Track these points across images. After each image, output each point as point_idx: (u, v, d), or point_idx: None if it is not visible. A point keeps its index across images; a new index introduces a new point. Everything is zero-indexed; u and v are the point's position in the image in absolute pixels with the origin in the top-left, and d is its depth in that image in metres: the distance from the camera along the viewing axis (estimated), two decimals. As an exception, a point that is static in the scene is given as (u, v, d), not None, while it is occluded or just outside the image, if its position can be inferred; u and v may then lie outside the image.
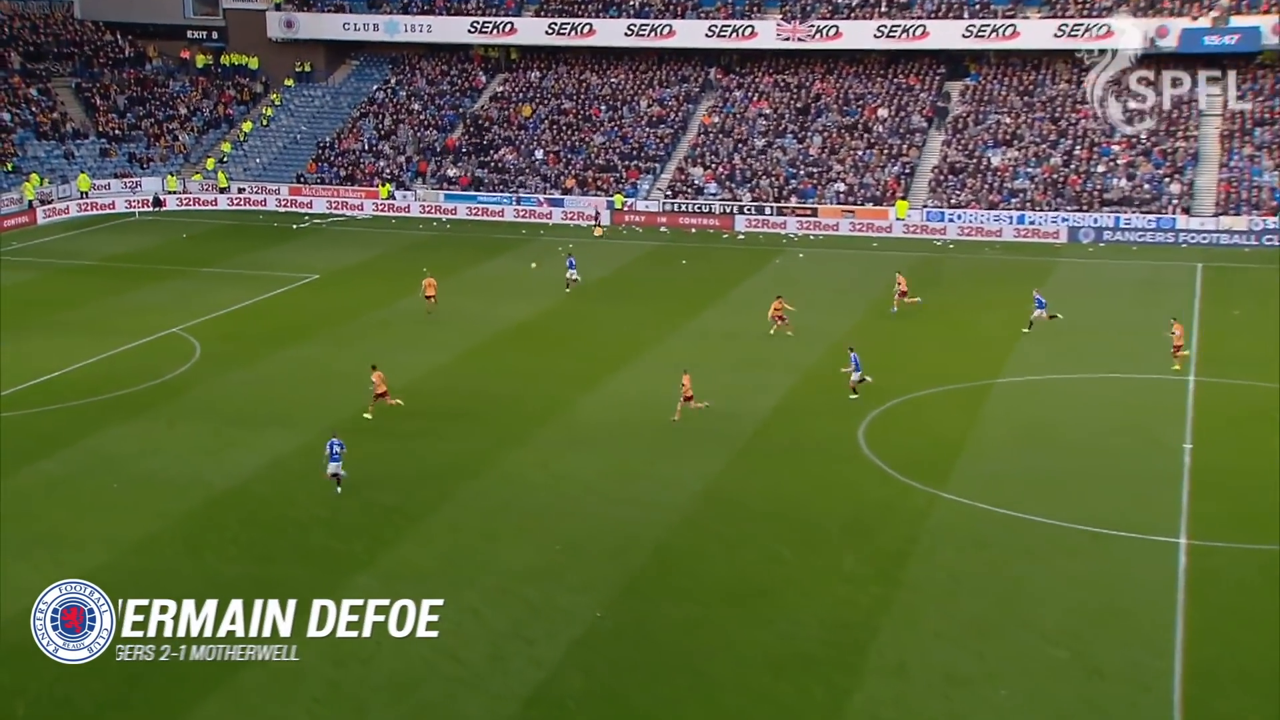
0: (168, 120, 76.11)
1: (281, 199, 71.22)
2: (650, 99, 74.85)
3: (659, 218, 67.56)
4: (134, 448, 33.12)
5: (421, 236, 64.47)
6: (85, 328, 44.64)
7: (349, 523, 28.52)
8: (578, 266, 51.13)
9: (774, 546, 27.39)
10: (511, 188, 70.60)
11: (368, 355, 41.86)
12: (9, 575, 25.61)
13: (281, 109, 77.96)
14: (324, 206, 70.42)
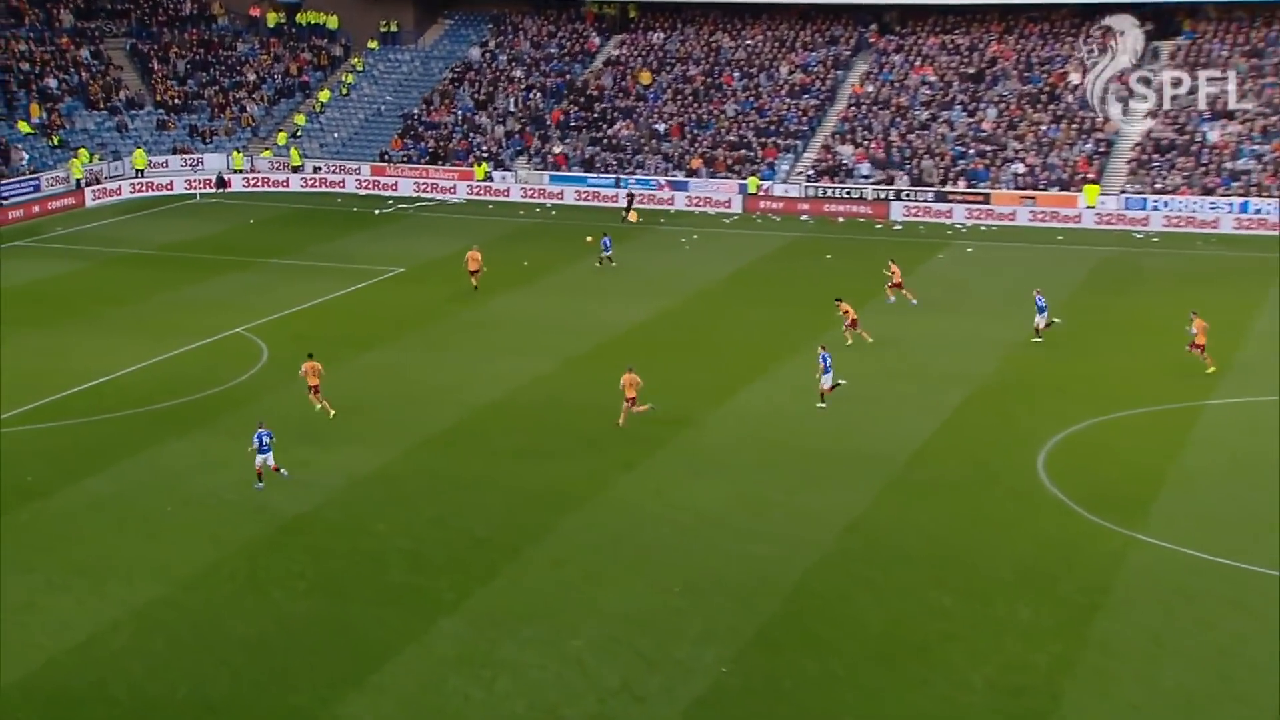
0: (234, 88, 78.40)
1: (362, 180, 72.84)
2: (792, 64, 74.69)
3: (800, 204, 67.32)
4: (191, 464, 34.13)
5: (522, 224, 65.27)
6: (137, 327, 46.19)
7: (434, 556, 28.96)
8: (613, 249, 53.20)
9: (933, 595, 27.11)
10: (627, 168, 71.06)
11: (460, 362, 42.59)
12: (47, 609, 26.55)
13: (364, 75, 79.76)
14: (410, 189, 71.82)
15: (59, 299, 50.10)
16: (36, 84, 73.63)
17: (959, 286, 51.62)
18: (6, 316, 47.44)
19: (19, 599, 26.66)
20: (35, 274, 54.03)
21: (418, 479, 33.32)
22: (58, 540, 29.46)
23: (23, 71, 73.87)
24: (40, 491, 31.94)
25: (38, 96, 72.85)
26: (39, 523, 30.33)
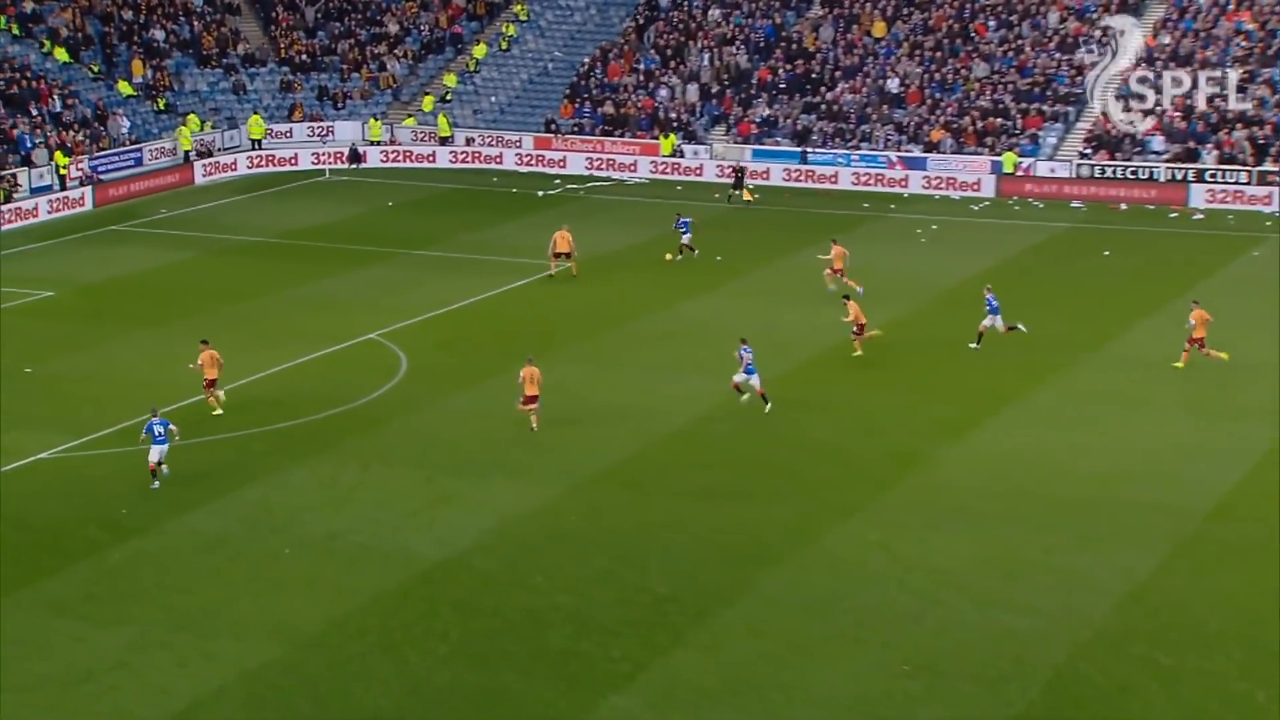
0: (372, 42, 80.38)
1: (524, 154, 73.96)
2: (1063, 9, 73.43)
3: (1069, 186, 66.15)
4: (314, 499, 35.00)
5: (717, 210, 65.44)
6: (253, 330, 47.61)
7: (604, 618, 29.14)
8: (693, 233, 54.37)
9: (1237, 684, 26.40)
10: (850, 141, 70.70)
11: (639, 379, 42.86)
12: (143, 670, 27.41)
13: (528, 26, 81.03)
14: (581, 166, 72.64)
15: (162, 294, 51.94)
16: (140, 36, 76.61)
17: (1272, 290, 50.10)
18: (105, 313, 49.39)
19: (110, 657, 27.63)
20: (137, 264, 56.18)
21: (585, 522, 33.59)
22: (156, 587, 30.47)
23: (124, 21, 76.96)
24: (136, 528, 33.13)
25: (141, 51, 75.79)
26: (134, 565, 31.44)
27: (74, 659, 27.47)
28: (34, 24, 73.58)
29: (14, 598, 29.75)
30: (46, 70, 71.17)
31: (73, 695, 26.36)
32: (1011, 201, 66.17)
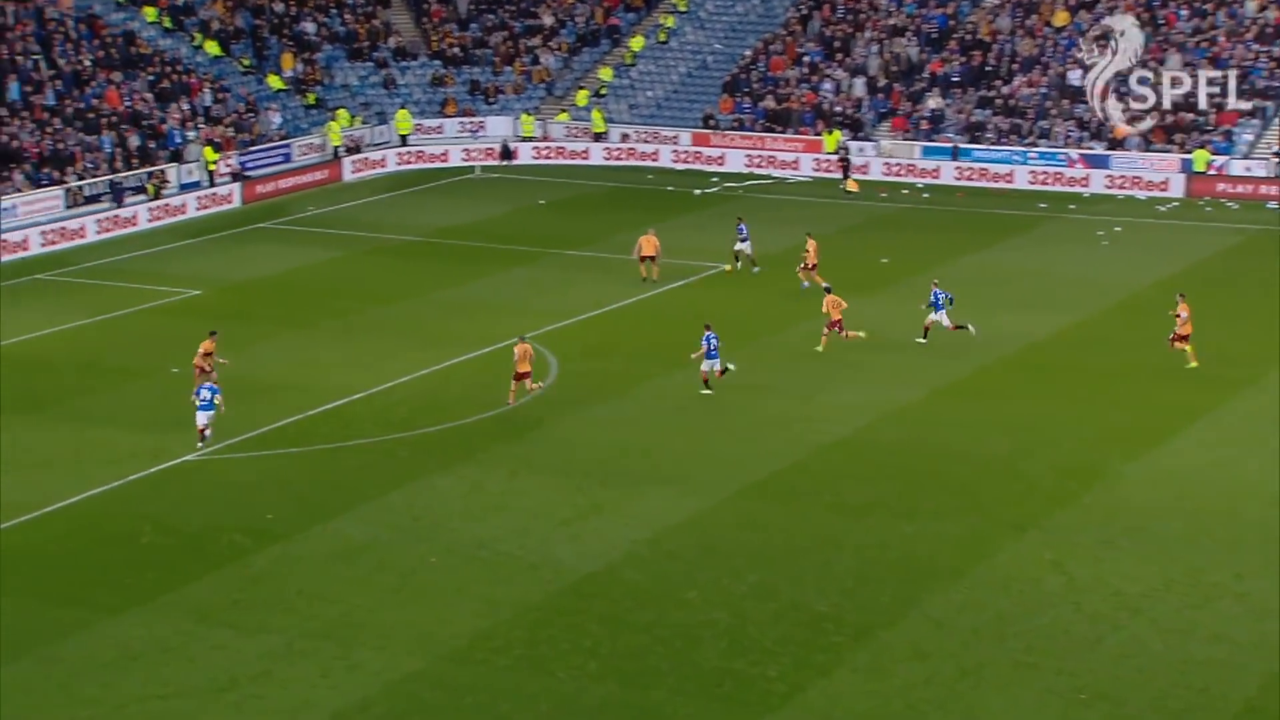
0: (526, 34, 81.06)
1: (681, 151, 74.11)
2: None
3: (1266, 186, 64.82)
4: (459, 506, 35.37)
5: (882, 210, 65.06)
6: (400, 332, 48.25)
7: (760, 636, 29.06)
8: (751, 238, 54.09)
9: None
10: (1027, 137, 69.82)
11: (798, 387, 42.70)
12: (286, 679, 27.86)
13: (687, 18, 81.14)
14: (741, 163, 72.60)
15: (309, 294, 52.80)
16: (291, 29, 78.04)
17: None
18: (251, 313, 50.32)
19: (253, 666, 28.13)
20: (283, 262, 57.19)
21: (741, 535, 33.55)
22: (300, 595, 30.97)
23: (276, 14, 78.45)
24: (280, 534, 33.73)
25: (292, 44, 77.19)
26: (278, 572, 32.00)
27: (217, 667, 28.02)
28: (185, 17, 75.30)
29: (159, 603, 30.42)
30: (197, 64, 72.81)
31: (216, 704, 26.88)
32: (1202, 202, 64.94)
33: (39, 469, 37.22)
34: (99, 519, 34.51)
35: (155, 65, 70.47)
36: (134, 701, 26.86)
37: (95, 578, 31.58)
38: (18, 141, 61.80)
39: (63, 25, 69.56)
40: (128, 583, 31.29)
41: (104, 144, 64.22)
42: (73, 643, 28.75)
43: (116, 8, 73.62)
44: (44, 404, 41.60)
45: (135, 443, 38.66)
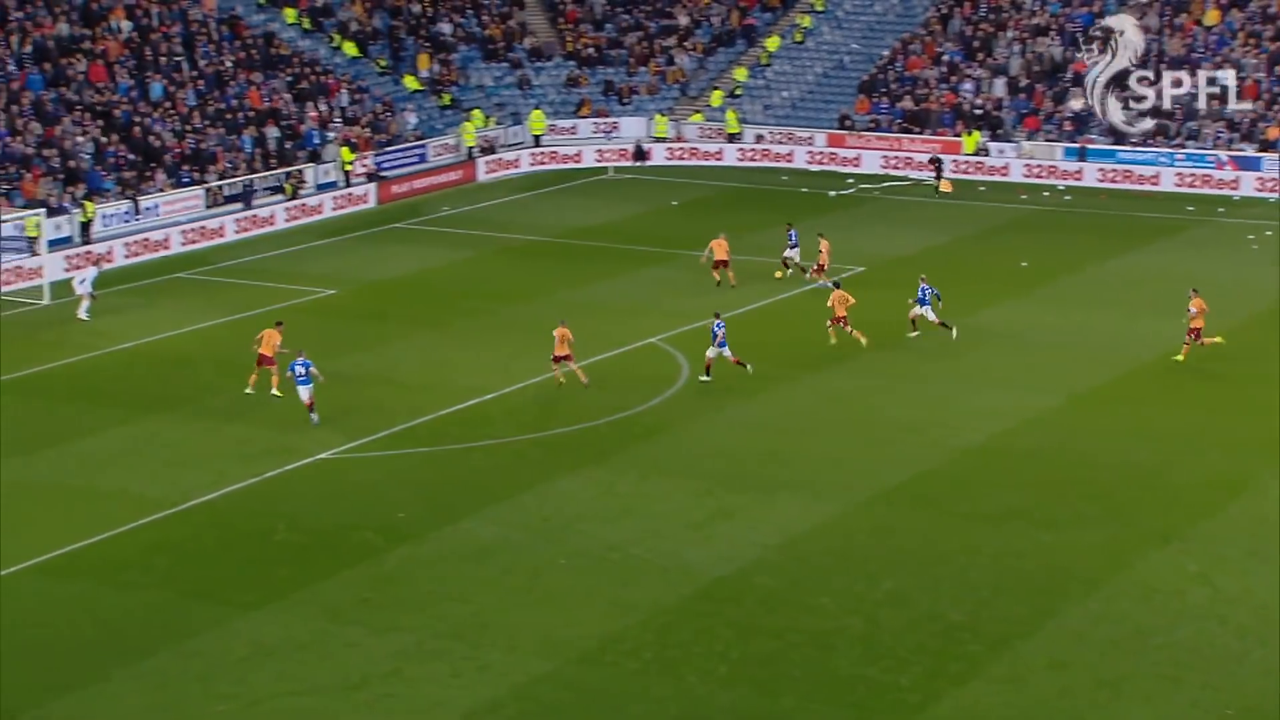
0: (661, 34, 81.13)
1: (815, 152, 73.81)
2: None
3: None
4: (588, 509, 35.41)
5: (1019, 213, 64.35)
6: (532, 332, 48.29)
7: (893, 644, 28.84)
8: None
9: None
10: (1174, 138, 68.65)
11: (934, 393, 42.35)
12: (416, 679, 28.01)
13: (825, 17, 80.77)
14: (876, 164, 72.15)
15: (443, 293, 53.19)
16: (428, 30, 78.74)
17: None
18: (386, 313, 50.81)
19: (383, 665, 28.33)
20: (418, 262, 57.67)
21: (874, 542, 33.32)
22: (430, 595, 31.17)
23: (413, 15, 79.17)
24: (411, 533, 33.98)
25: (428, 45, 77.87)
26: (409, 572, 32.22)
27: (349, 665, 28.26)
28: (324, 18, 76.25)
29: (292, 600, 30.77)
30: (335, 65, 73.70)
31: (347, 702, 27.11)
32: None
33: (177, 465, 37.82)
34: (234, 515, 34.99)
35: (294, 66, 71.42)
36: (268, 698, 27.17)
37: (231, 573, 32.02)
38: (160, 141, 62.90)
39: (205, 26, 70.73)
40: (262, 579, 31.68)
41: (244, 144, 65.17)
42: (209, 637, 29.15)
43: (257, 9, 74.75)
44: (182, 401, 42.26)
45: (270, 440, 39.15)
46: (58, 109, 61.77)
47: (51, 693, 27.21)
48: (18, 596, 30.88)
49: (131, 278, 54.65)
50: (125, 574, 31.92)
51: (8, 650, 28.68)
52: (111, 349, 46.47)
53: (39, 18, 65.86)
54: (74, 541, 33.20)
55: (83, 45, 65.65)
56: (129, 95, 64.32)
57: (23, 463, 37.71)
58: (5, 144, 58.63)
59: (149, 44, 67.69)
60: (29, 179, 57.83)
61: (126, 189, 60.43)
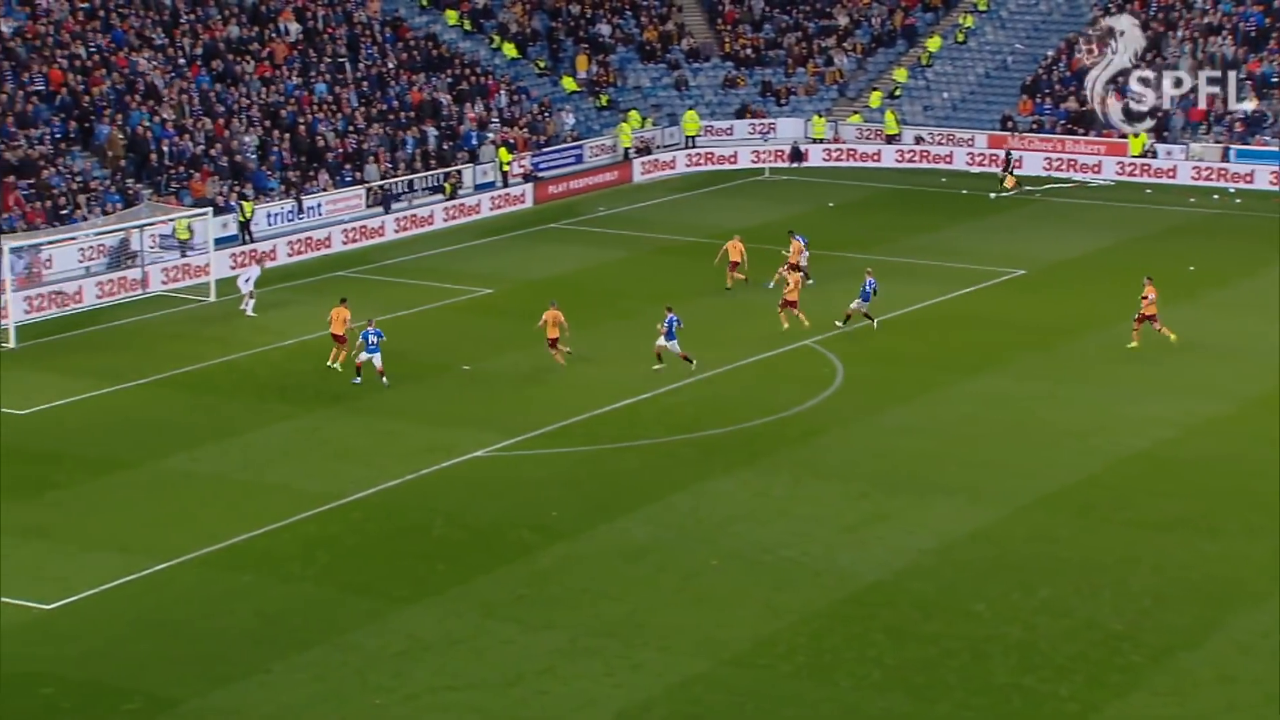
0: (820, 35, 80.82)
1: (975, 154, 73.10)
2: None
3: None
4: (742, 510, 35.44)
5: (1191, 216, 63.23)
6: (686, 332, 48.25)
7: (1052, 653, 28.53)
8: None
9: None
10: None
11: (1097, 398, 41.91)
12: (569, 676, 28.18)
13: (987, 17, 79.93)
14: (1039, 166, 71.28)
15: (597, 293, 53.40)
16: (586, 31, 79.20)
17: None
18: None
19: (538, 662, 28.58)
20: (573, 262, 58.00)
21: (1032, 548, 32.99)
22: (584, 593, 31.39)
23: (572, 16, 79.70)
24: (566, 531, 34.22)
25: (587, 46, 78.33)
26: (563, 569, 32.47)
27: (504, 661, 28.55)
28: (485, 19, 77.03)
29: (449, 595, 31.15)
30: (495, 66, 74.40)
31: (502, 698, 27.39)
32: None
33: (337, 460, 38.45)
34: (392, 511, 35.49)
35: (455, 67, 72.22)
36: (424, 692, 27.53)
37: (389, 568, 32.48)
38: (323, 141, 63.97)
39: (369, 28, 71.79)
40: (419, 574, 32.11)
41: (407, 144, 66.05)
42: (367, 631, 29.60)
43: (420, 11, 75.70)
44: (342, 397, 42.93)
45: (428, 437, 39.66)
46: (226, 109, 63.06)
47: (214, 682, 27.80)
48: (182, 588, 31.60)
49: (294, 275, 55.64)
50: (286, 567, 32.52)
51: (172, 640, 29.37)
52: (275, 345, 47.36)
53: (210, 20, 67.29)
54: (237, 534, 33.90)
55: (250, 47, 66.97)
56: (294, 95, 65.50)
57: (188, 457, 38.56)
58: (174, 143, 59.97)
59: (315, 46, 68.88)
60: (197, 178, 59.10)
61: (290, 188, 61.54)
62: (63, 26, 62.58)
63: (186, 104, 62.07)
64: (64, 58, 60.96)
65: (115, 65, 61.93)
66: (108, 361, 46.08)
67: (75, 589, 31.25)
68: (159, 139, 59.71)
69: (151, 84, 61.81)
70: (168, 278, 54.24)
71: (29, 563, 32.56)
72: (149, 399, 43.03)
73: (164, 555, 32.74)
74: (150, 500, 36.16)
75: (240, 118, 62.99)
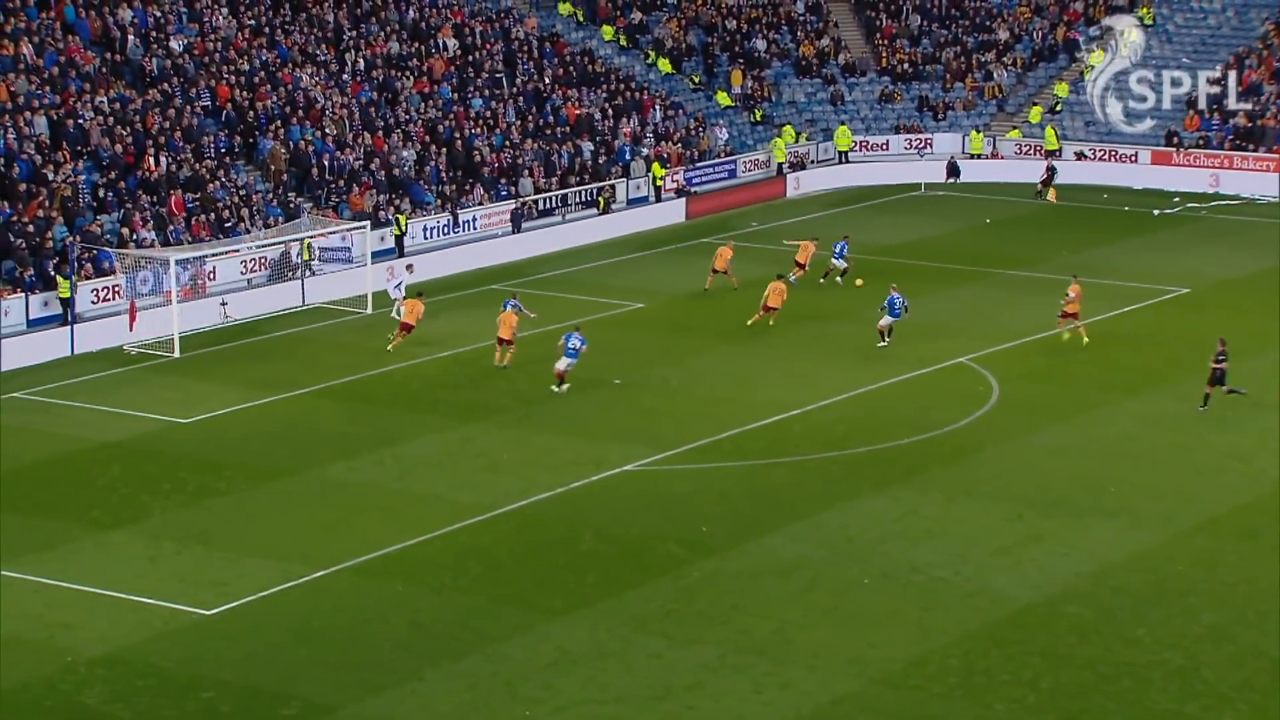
0: (979, 49, 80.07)
1: (1140, 169, 71.94)
2: None
3: None
4: (893, 529, 35.19)
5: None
6: (836, 348, 48.36)
7: (1217, 681, 28.05)
8: None
9: None
10: None
11: (1257, 417, 40.97)
12: (720, 693, 28.14)
13: (1153, 31, 78.63)
14: (1203, 183, 69.99)
15: (749, 308, 53.16)
16: (742, 46, 79.23)
17: None
18: (692, 326, 51.25)
19: (687, 677, 28.58)
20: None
21: (1194, 573, 32.43)
22: (733, 609, 31.33)
23: (727, 31, 79.77)
24: (716, 548, 34.20)
25: (742, 62, 78.35)
26: (712, 585, 32.45)
27: (652, 675, 28.60)
28: (640, 35, 77.38)
29: (599, 608, 31.27)
30: (650, 81, 74.68)
31: (650, 712, 27.44)
32: None
33: (489, 472, 38.78)
34: (544, 523, 35.72)
35: (610, 83, 72.60)
36: (573, 704, 27.66)
37: (539, 580, 32.68)
38: (479, 156, 64.61)
39: (526, 44, 72.43)
40: (569, 586, 32.27)
41: (563, 158, 66.50)
42: (517, 642, 29.80)
43: (576, 26, 76.23)
44: (495, 409, 43.31)
45: (578, 450, 39.86)
46: (385, 124, 63.93)
47: (368, 690, 28.16)
48: (337, 595, 32.05)
49: (450, 288, 56.21)
50: (439, 577, 32.85)
51: (327, 647, 29.79)
52: (430, 357, 47.87)
53: (372, 36, 68.30)
54: (391, 544, 34.31)
55: (410, 63, 67.86)
56: (451, 111, 66.26)
57: (345, 466, 39.12)
58: (334, 158, 60.92)
59: (472, 62, 69.63)
60: (356, 192, 59.98)
61: (446, 202, 62.21)
62: (230, 43, 63.87)
63: (347, 119, 63.02)
64: (230, 74, 62.20)
65: (280, 81, 63.07)
66: (268, 372, 46.90)
67: (234, 595, 31.82)
68: (319, 153, 60.68)
69: (313, 99, 62.88)
70: (327, 290, 55.00)
71: (190, 569, 33.22)
72: (307, 409, 43.71)
73: (320, 563, 33.24)
74: (307, 509, 36.74)
75: (398, 132, 63.82)
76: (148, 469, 38.91)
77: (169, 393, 44.90)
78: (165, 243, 53.37)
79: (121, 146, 56.28)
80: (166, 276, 49.87)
